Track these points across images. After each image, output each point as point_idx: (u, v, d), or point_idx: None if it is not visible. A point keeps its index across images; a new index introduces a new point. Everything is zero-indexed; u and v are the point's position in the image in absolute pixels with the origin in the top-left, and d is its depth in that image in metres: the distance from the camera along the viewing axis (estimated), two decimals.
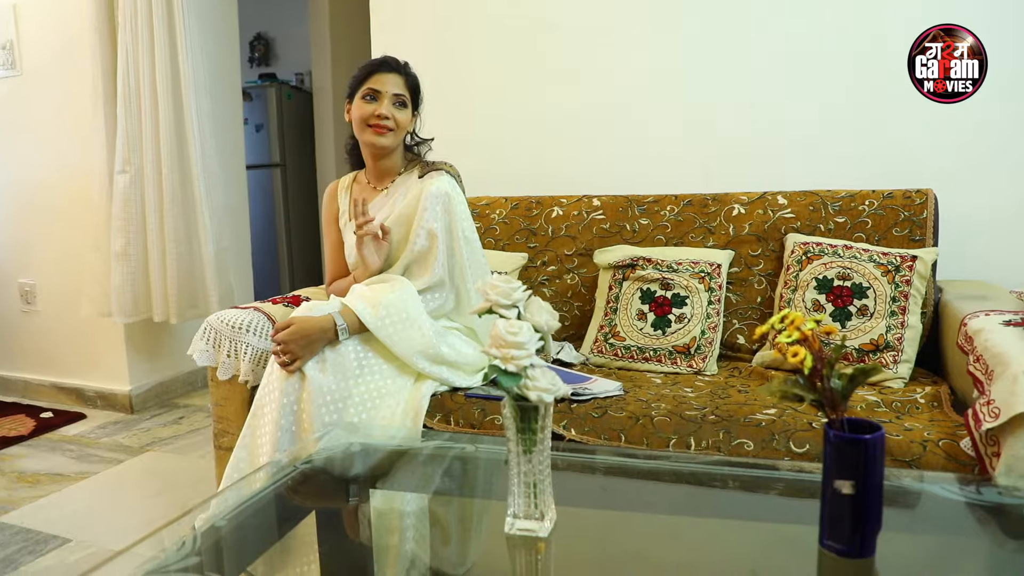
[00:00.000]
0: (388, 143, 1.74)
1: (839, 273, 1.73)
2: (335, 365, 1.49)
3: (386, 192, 1.81)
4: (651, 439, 1.38)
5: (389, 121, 1.70)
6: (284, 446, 1.45)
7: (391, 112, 1.70)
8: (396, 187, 1.80)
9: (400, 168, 1.83)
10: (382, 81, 1.71)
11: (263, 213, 4.59)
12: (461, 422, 1.52)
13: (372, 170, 1.84)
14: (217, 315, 1.76)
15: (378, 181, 1.84)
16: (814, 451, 1.28)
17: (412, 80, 1.75)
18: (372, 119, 1.70)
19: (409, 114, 1.75)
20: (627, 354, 1.83)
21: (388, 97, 1.70)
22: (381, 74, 1.72)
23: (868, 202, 1.88)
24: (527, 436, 0.96)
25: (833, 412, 0.90)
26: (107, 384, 3.04)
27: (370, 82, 1.71)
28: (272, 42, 5.30)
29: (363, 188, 1.87)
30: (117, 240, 2.76)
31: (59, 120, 2.97)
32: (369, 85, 1.71)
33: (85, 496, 2.18)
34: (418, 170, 1.79)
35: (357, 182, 1.89)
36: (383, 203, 1.79)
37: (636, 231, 2.07)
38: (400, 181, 1.81)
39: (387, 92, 1.70)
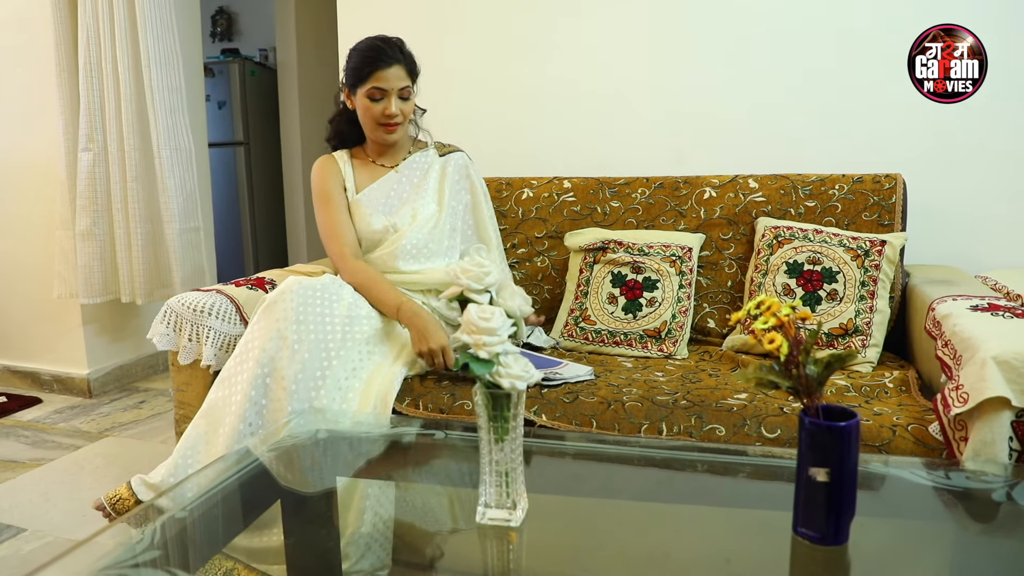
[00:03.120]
0: (399, 136, 1.78)
1: (809, 257, 1.74)
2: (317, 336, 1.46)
3: (396, 170, 1.83)
4: (623, 425, 1.36)
5: (398, 117, 1.71)
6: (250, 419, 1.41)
7: (399, 108, 1.71)
8: (410, 167, 1.84)
9: (408, 145, 1.87)
10: (386, 78, 1.67)
11: (226, 193, 4.48)
12: (430, 406, 1.49)
13: (379, 148, 1.84)
14: (178, 298, 1.70)
15: (384, 158, 1.85)
16: (785, 436, 1.28)
17: (411, 62, 1.73)
18: (382, 119, 1.71)
19: (414, 100, 1.77)
20: (598, 338, 1.82)
21: (394, 94, 1.69)
22: (383, 70, 1.67)
23: (838, 186, 1.88)
24: (499, 424, 0.94)
25: (808, 399, 0.89)
26: (64, 367, 2.95)
27: (373, 80, 1.67)
28: (235, 16, 5.16)
29: (366, 163, 1.85)
30: (82, 219, 2.68)
31: (21, 96, 2.84)
32: (373, 84, 1.68)
33: (40, 483, 2.11)
34: (434, 151, 1.87)
35: (356, 157, 1.87)
36: (397, 181, 1.82)
37: (607, 214, 2.05)
38: (413, 162, 1.85)
39: (393, 89, 1.69)
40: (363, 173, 1.83)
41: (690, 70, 2.21)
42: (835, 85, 2.09)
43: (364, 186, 1.81)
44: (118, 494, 1.46)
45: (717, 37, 2.18)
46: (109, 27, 2.57)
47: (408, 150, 1.87)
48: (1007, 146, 1.98)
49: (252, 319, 1.50)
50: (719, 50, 2.18)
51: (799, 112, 2.13)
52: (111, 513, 1.45)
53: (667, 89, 2.24)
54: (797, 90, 2.12)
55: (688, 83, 2.22)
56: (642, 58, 2.25)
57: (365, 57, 1.68)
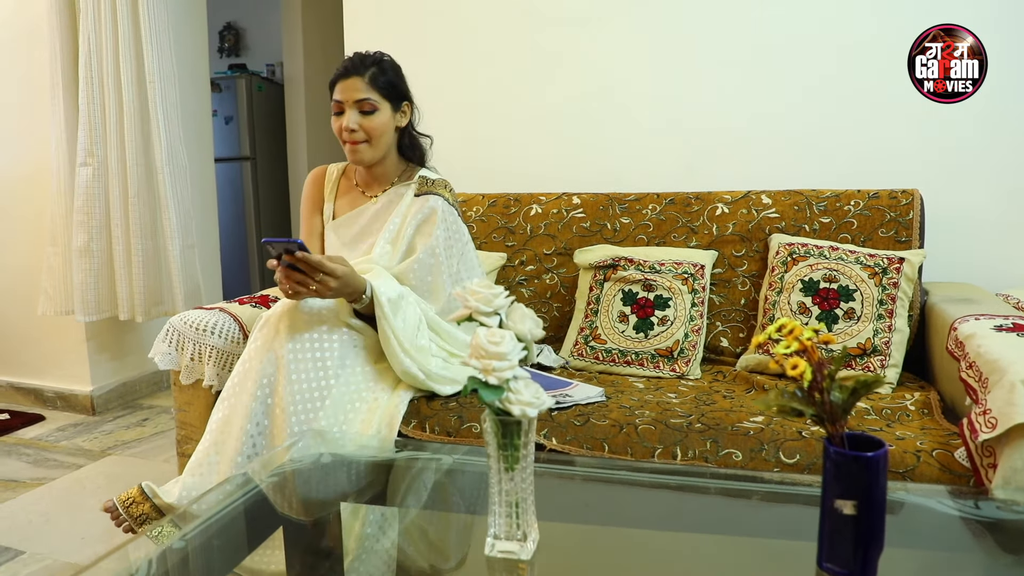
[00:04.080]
0: (367, 157, 1.64)
1: (825, 275, 1.69)
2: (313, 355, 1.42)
3: (375, 200, 1.71)
4: (635, 449, 1.32)
5: (357, 133, 1.59)
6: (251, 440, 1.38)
7: (357, 123, 1.58)
8: (389, 199, 1.70)
9: (394, 176, 1.73)
10: (342, 89, 1.59)
11: (232, 208, 4.47)
12: (437, 429, 1.45)
13: (363, 174, 1.74)
14: (180, 316, 1.67)
15: (367, 186, 1.75)
16: (805, 461, 1.23)
17: (382, 77, 1.60)
18: (342, 133, 1.61)
19: (384, 115, 1.61)
20: (608, 357, 1.78)
21: (350, 106, 1.59)
22: (341, 82, 1.59)
23: (853, 202, 1.84)
24: (509, 452, 0.90)
25: (833, 427, 0.85)
26: (67, 384, 2.92)
27: (335, 94, 1.61)
28: (242, 32, 5.17)
29: (351, 189, 1.77)
30: (79, 235, 2.65)
31: (18, 109, 2.83)
32: (334, 97, 1.61)
33: (41, 504, 2.08)
34: (416, 186, 1.70)
35: (346, 177, 1.80)
36: (372, 214, 1.70)
37: (617, 230, 2.02)
38: (394, 193, 1.70)
39: (348, 101, 1.58)
40: (344, 199, 1.77)
41: (699, 83, 2.18)
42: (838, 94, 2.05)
43: (342, 212, 1.75)
44: (131, 496, 1.42)
45: (725, 50, 2.15)
46: (112, 41, 2.55)
47: (392, 181, 1.73)
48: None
49: (250, 338, 1.47)
50: (728, 62, 2.15)
51: (810, 123, 2.09)
52: (122, 515, 1.41)
53: (676, 103, 2.21)
54: (806, 99, 2.09)
55: (697, 96, 2.19)
56: (651, 71, 2.22)
57: (334, 72, 1.63)
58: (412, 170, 1.74)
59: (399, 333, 1.47)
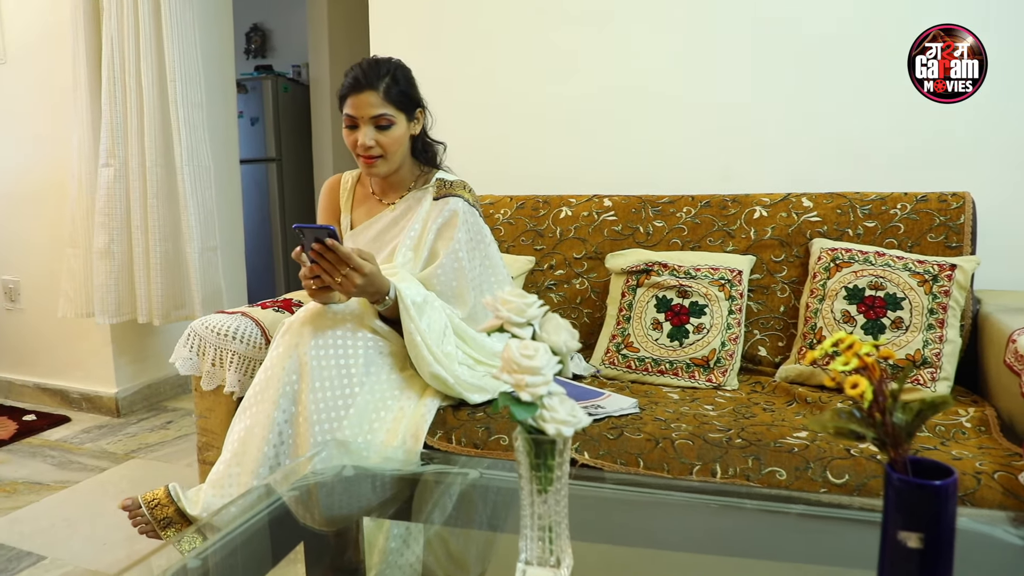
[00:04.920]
0: (383, 171, 1.59)
1: (871, 282, 1.61)
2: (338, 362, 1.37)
3: (392, 208, 1.66)
4: (672, 465, 1.26)
5: (374, 149, 1.54)
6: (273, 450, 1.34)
7: (374, 139, 1.52)
8: (407, 205, 1.65)
9: (410, 182, 1.68)
10: (356, 105, 1.52)
11: (258, 210, 4.46)
12: (464, 441, 1.39)
13: (378, 181, 1.69)
14: (202, 320, 1.64)
15: (383, 194, 1.70)
16: (854, 482, 1.16)
17: (396, 88, 1.53)
18: (358, 149, 1.55)
19: (400, 128, 1.55)
20: (641, 366, 1.71)
21: (366, 123, 1.52)
22: (354, 96, 1.52)
23: (900, 205, 1.76)
24: (542, 473, 0.84)
25: (895, 451, 0.78)
26: (92, 386, 2.91)
27: (346, 107, 1.54)
28: (269, 33, 5.16)
29: (367, 197, 1.72)
30: (100, 237, 2.63)
31: (43, 110, 2.84)
32: (346, 111, 1.54)
33: (64, 508, 2.06)
34: (433, 189, 1.64)
35: (361, 185, 1.75)
36: (391, 221, 1.65)
37: (650, 234, 1.95)
38: (412, 199, 1.65)
39: (364, 117, 1.52)
40: (361, 208, 1.72)
41: (734, 81, 2.10)
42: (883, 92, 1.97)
43: (360, 222, 1.70)
44: (156, 498, 1.39)
45: (767, 48, 2.07)
46: (134, 42, 2.53)
47: (409, 186, 1.67)
48: None
49: (272, 344, 1.42)
50: (769, 61, 2.07)
51: (852, 123, 2.01)
52: (142, 515, 1.37)
53: (711, 102, 2.13)
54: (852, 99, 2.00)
55: (733, 95, 2.11)
56: (684, 69, 2.15)
57: (344, 81, 1.55)
58: (428, 173, 1.69)
59: (426, 336, 1.42)
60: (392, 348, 1.48)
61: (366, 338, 1.43)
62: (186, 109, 2.56)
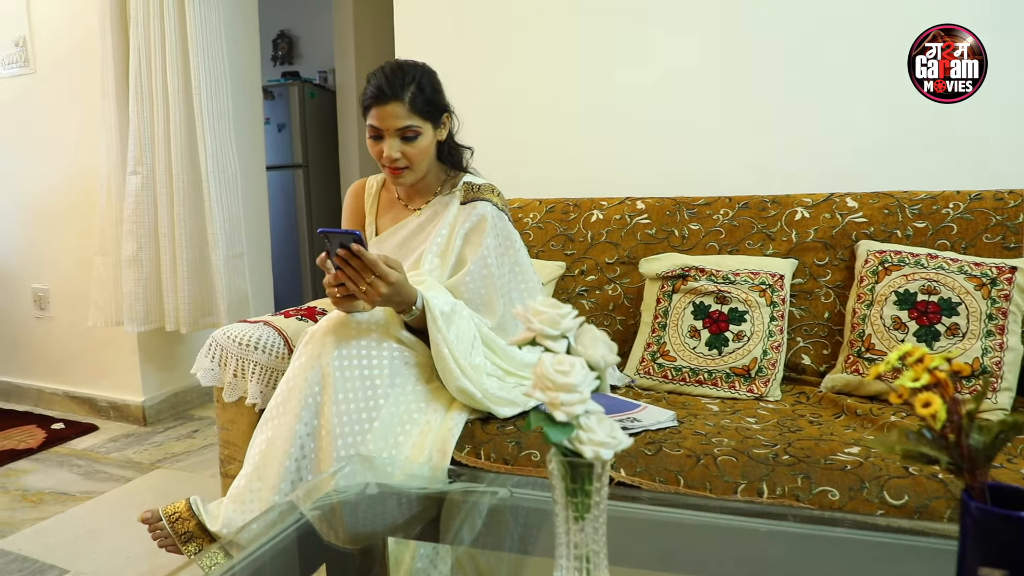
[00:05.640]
0: (409, 181, 1.53)
1: (923, 286, 1.52)
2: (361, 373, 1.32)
3: (419, 213, 1.61)
4: (715, 483, 1.18)
5: (400, 161, 1.48)
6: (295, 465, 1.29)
7: (400, 151, 1.47)
8: (434, 210, 1.59)
9: (437, 186, 1.62)
10: (381, 116, 1.45)
11: (285, 216, 4.45)
12: (493, 456, 1.33)
13: (401, 187, 1.65)
14: (223, 330, 1.59)
15: (409, 199, 1.65)
16: (914, 503, 1.07)
17: (421, 97, 1.47)
18: (384, 161, 1.49)
19: (426, 138, 1.50)
20: (678, 376, 1.63)
21: (391, 135, 1.46)
22: (378, 107, 1.46)
23: (952, 204, 1.66)
24: (579, 500, 0.77)
25: (972, 477, 0.70)
26: (120, 394, 2.90)
27: (370, 118, 1.48)
28: (296, 40, 5.16)
29: (392, 202, 1.67)
30: (128, 244, 2.62)
31: (72, 119, 2.84)
32: (370, 121, 1.48)
33: (88, 519, 2.03)
34: (461, 193, 1.59)
35: (387, 190, 1.70)
36: (417, 227, 1.60)
37: (686, 237, 1.87)
38: (438, 204, 1.60)
39: (389, 129, 1.46)
40: (387, 213, 1.67)
41: (774, 78, 2.02)
42: None
43: (385, 228, 1.65)
44: (177, 511, 1.35)
45: (804, 42, 1.98)
46: (160, 50, 2.52)
47: (435, 191, 1.62)
48: None
49: (293, 355, 1.37)
50: (806, 55, 1.98)
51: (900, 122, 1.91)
52: (162, 528, 1.34)
53: (746, 99, 2.04)
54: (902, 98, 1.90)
55: (769, 92, 2.02)
56: (718, 65, 2.07)
57: (366, 89, 1.49)
58: (455, 177, 1.63)
59: (454, 348, 1.36)
60: (418, 359, 1.42)
61: (391, 348, 1.37)
62: (211, 116, 2.53)
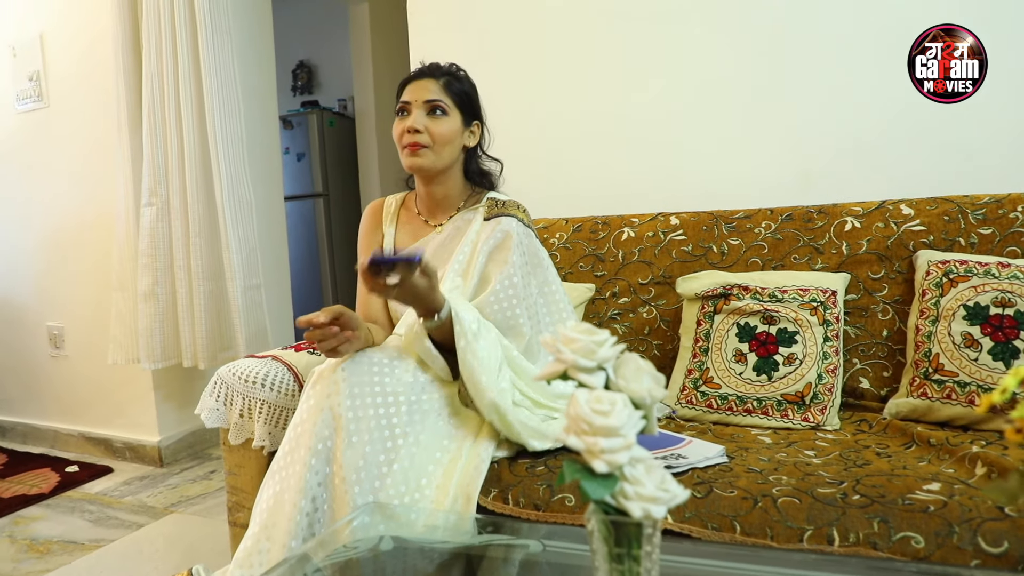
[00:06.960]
0: (426, 163, 1.41)
1: (996, 298, 1.36)
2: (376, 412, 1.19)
3: (440, 229, 1.49)
4: (777, 530, 1.03)
5: (422, 135, 1.39)
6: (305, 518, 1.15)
7: (423, 124, 1.39)
8: (456, 226, 1.48)
9: (459, 202, 1.52)
10: (412, 90, 1.43)
11: (305, 246, 4.37)
12: (522, 501, 1.19)
13: (424, 199, 1.53)
14: (229, 367, 1.48)
15: (431, 215, 1.53)
16: (1017, 551, 0.91)
17: (456, 83, 1.44)
18: (404, 137, 1.41)
19: (453, 124, 1.42)
20: (724, 405, 1.48)
21: (418, 106, 1.40)
22: (411, 83, 1.44)
23: (1021, 208, 1.51)
24: (626, 566, 0.63)
25: None
26: (135, 434, 2.80)
27: (403, 94, 1.44)
28: (315, 70, 5.13)
29: (412, 218, 1.56)
30: (144, 278, 2.53)
31: (85, 153, 2.79)
32: (401, 98, 1.44)
33: (96, 570, 1.92)
34: (484, 209, 1.47)
35: (406, 208, 1.59)
36: (438, 244, 1.48)
37: (725, 253, 1.73)
38: (460, 220, 1.49)
39: (417, 101, 1.41)
40: (406, 230, 1.56)
41: (813, 80, 1.88)
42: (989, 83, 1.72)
43: (404, 245, 1.54)
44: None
45: (846, 39, 1.84)
46: (173, 78, 2.46)
47: (458, 206, 1.52)
48: None
49: (302, 396, 1.25)
50: (848, 50, 1.84)
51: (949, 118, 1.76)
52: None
53: (783, 103, 1.91)
54: None
55: (808, 96, 1.89)
56: (756, 72, 1.94)
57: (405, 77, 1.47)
58: (479, 193, 1.53)
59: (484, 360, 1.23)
60: (439, 390, 1.29)
61: (407, 381, 1.25)
62: (225, 144, 2.45)
